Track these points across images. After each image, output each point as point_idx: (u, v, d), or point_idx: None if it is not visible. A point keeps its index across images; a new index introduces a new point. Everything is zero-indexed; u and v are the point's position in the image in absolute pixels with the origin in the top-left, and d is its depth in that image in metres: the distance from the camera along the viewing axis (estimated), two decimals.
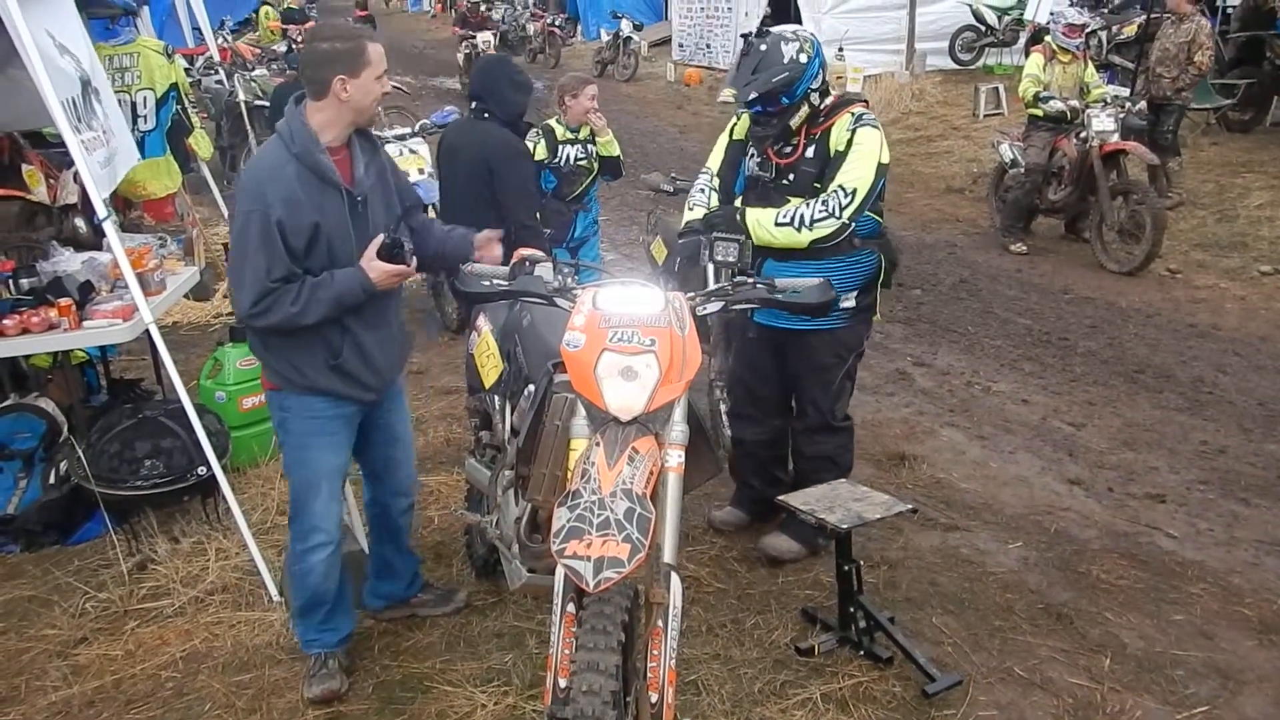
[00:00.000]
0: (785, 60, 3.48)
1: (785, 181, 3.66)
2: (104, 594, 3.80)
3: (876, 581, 3.78)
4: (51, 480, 4.25)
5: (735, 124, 3.89)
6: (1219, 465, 4.80)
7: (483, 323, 3.65)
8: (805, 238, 3.47)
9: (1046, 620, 3.59)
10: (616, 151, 5.75)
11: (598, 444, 2.42)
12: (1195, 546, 4.09)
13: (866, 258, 3.66)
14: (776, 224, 3.50)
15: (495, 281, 2.94)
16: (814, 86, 3.55)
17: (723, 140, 3.94)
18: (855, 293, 3.68)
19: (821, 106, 3.62)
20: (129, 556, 4.00)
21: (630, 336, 2.51)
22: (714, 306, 2.88)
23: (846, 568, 3.33)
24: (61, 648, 3.55)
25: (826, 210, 3.46)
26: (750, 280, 2.90)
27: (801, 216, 3.47)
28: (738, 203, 3.75)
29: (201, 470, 4.06)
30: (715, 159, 3.92)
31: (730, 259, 3.13)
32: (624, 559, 2.20)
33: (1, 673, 3.44)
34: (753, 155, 3.77)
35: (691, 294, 2.82)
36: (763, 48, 3.53)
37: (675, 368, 2.51)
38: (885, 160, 3.57)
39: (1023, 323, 6.83)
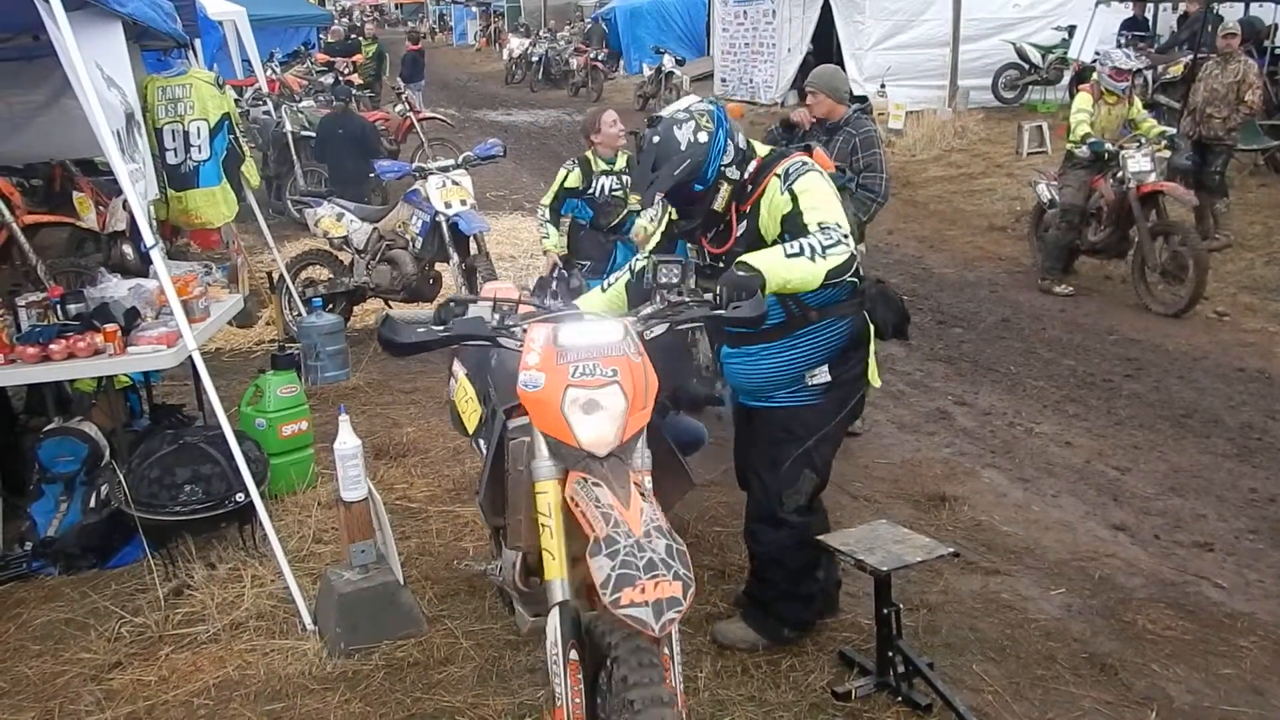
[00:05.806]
0: (683, 146, 3.06)
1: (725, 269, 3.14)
2: (139, 619, 3.82)
3: (915, 625, 3.71)
4: (92, 504, 4.30)
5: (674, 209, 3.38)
6: (1269, 514, 4.67)
7: (458, 367, 3.57)
8: (821, 267, 2.88)
9: (1090, 670, 3.50)
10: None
11: (597, 484, 2.40)
12: (1245, 598, 3.98)
13: (833, 327, 3.26)
14: (787, 255, 2.91)
15: (431, 328, 2.71)
16: (726, 162, 3.13)
17: (664, 221, 3.49)
18: (825, 365, 3.28)
19: (745, 177, 3.18)
20: (165, 582, 4.01)
21: (592, 369, 2.48)
22: (659, 329, 2.77)
23: (886, 611, 3.27)
24: (96, 671, 3.56)
25: (831, 239, 2.92)
26: (688, 300, 2.79)
27: (811, 247, 2.91)
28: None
29: (240, 497, 4.07)
30: (652, 245, 3.50)
31: (674, 280, 2.84)
32: (680, 596, 2.21)
33: (36, 696, 3.45)
34: (691, 248, 3.40)
35: (634, 318, 2.76)
36: (655, 139, 3.12)
37: (639, 395, 2.49)
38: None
39: (1066, 363, 6.74)
